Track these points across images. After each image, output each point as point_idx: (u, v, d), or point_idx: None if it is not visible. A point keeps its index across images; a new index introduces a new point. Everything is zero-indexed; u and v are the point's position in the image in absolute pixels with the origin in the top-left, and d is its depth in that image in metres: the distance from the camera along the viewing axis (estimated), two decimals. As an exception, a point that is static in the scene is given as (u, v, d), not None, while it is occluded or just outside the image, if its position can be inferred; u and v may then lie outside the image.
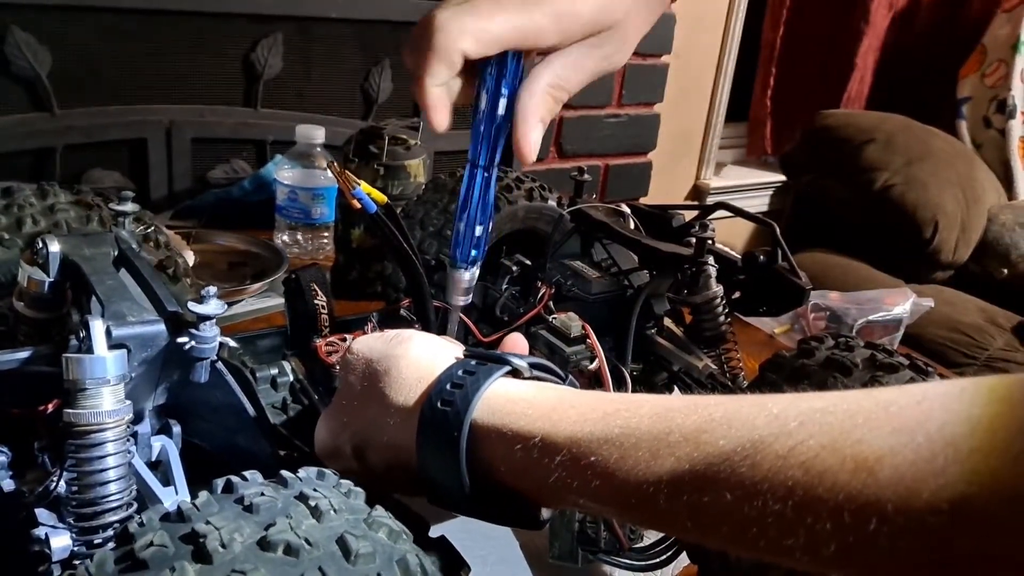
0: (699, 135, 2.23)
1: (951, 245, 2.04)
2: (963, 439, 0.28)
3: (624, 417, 0.37)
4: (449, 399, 0.42)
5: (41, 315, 0.59)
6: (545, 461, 0.38)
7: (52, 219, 0.69)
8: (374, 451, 0.46)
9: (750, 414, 0.33)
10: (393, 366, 0.46)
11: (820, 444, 0.30)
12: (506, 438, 0.40)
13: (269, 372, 0.63)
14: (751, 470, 0.32)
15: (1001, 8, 2.33)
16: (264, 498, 0.34)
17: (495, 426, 0.40)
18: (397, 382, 0.45)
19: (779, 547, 0.31)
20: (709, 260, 0.75)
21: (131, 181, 1.34)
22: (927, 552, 0.28)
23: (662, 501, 0.34)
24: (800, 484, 0.30)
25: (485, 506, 0.42)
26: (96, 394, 0.45)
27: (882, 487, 0.28)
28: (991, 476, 0.27)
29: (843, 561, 0.30)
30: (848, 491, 0.29)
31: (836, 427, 0.31)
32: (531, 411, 0.40)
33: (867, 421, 0.30)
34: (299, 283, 0.67)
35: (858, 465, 0.29)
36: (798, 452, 0.31)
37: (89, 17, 1.23)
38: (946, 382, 0.31)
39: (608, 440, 0.36)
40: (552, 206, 0.89)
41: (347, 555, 0.33)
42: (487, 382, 0.42)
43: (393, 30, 1.50)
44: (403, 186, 1.11)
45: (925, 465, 0.28)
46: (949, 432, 0.28)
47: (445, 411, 0.41)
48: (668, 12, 1.85)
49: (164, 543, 0.31)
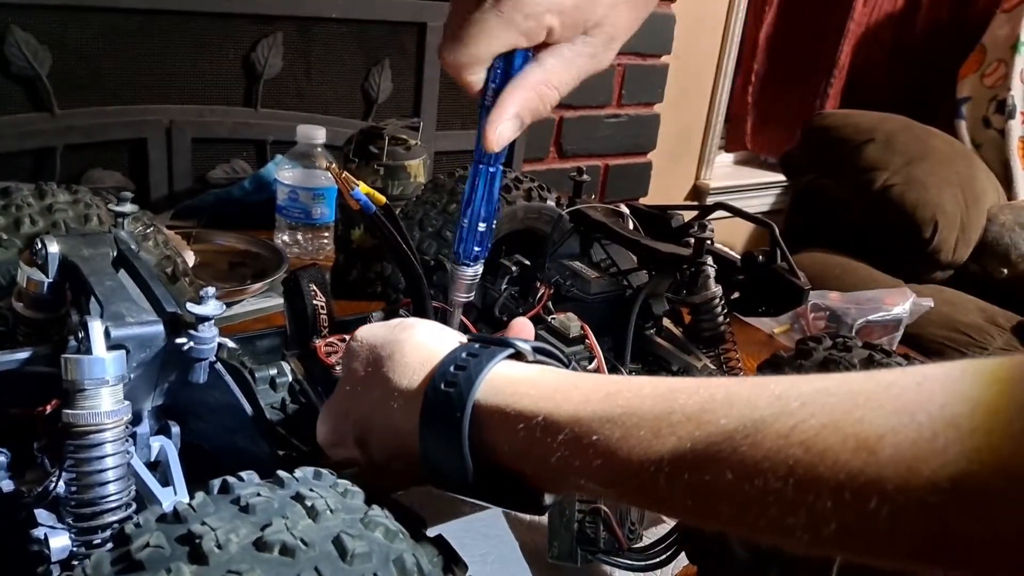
0: (699, 135, 2.23)
1: (951, 245, 2.04)
2: (964, 419, 0.28)
3: (626, 397, 0.37)
4: (452, 380, 0.42)
5: (40, 315, 0.59)
6: (547, 441, 0.38)
7: (50, 219, 0.69)
8: (377, 437, 0.46)
9: (752, 394, 0.34)
10: (397, 351, 0.46)
11: (821, 423, 0.31)
12: (509, 418, 0.40)
13: (268, 372, 0.63)
14: (752, 449, 0.32)
15: (1001, 8, 2.33)
16: (260, 498, 0.34)
17: (498, 406, 0.40)
18: (400, 366, 0.45)
19: (779, 527, 0.31)
20: (708, 260, 0.75)
21: (131, 181, 1.34)
22: (927, 531, 0.28)
23: (663, 481, 0.34)
24: (801, 463, 0.30)
25: (488, 489, 0.42)
26: (95, 395, 0.45)
27: (883, 466, 0.29)
28: (992, 455, 0.27)
29: (843, 540, 0.30)
30: (849, 470, 0.29)
31: (838, 407, 0.31)
32: (534, 391, 0.40)
33: (868, 401, 0.31)
34: (298, 283, 0.67)
35: (859, 444, 0.29)
36: (799, 431, 0.31)
37: (89, 17, 1.23)
38: (947, 364, 0.31)
39: (610, 419, 0.37)
40: (551, 206, 0.89)
41: (343, 555, 0.33)
42: (490, 364, 0.42)
43: (393, 30, 1.50)
44: (403, 186, 1.11)
45: (926, 444, 0.28)
46: (950, 412, 0.28)
47: (448, 392, 0.41)
48: (668, 12, 1.86)
49: (160, 544, 0.31)
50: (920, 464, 0.28)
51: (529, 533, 0.75)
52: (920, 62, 2.50)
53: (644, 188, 2.03)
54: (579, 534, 0.63)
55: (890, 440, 0.29)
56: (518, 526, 0.75)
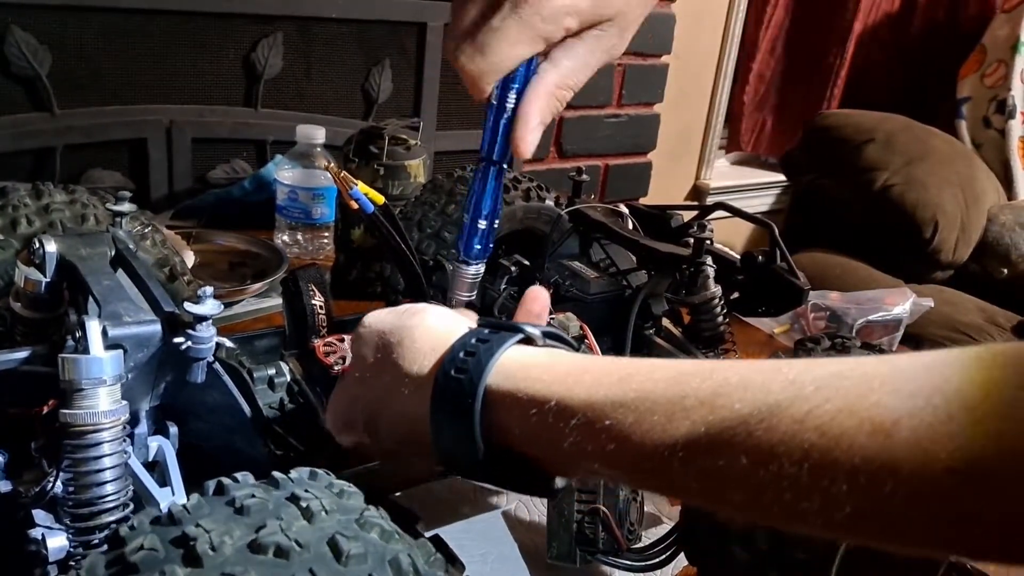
0: (699, 135, 2.23)
1: (951, 245, 2.04)
2: (979, 402, 0.28)
3: (639, 381, 0.37)
4: (463, 366, 0.41)
5: (38, 315, 0.59)
6: (560, 425, 0.38)
7: (47, 219, 0.69)
8: (387, 423, 0.46)
9: (765, 379, 0.34)
10: (407, 336, 0.46)
11: (837, 408, 0.31)
12: (521, 403, 0.40)
13: (266, 372, 0.63)
14: (767, 434, 0.32)
15: (1001, 8, 2.33)
16: (255, 500, 0.34)
17: (509, 391, 0.40)
18: (411, 352, 0.45)
19: (794, 511, 0.31)
20: (707, 260, 0.75)
21: (131, 181, 1.34)
22: (942, 515, 0.28)
23: (676, 465, 0.34)
24: (816, 447, 0.30)
25: (499, 472, 0.42)
26: (92, 394, 0.45)
27: (899, 449, 0.29)
28: (1003, 439, 0.27)
29: (857, 524, 0.30)
30: (865, 454, 0.29)
31: (852, 391, 0.31)
32: (546, 376, 0.40)
33: (883, 385, 0.31)
34: (297, 283, 0.66)
35: (875, 428, 0.29)
36: (815, 416, 0.31)
37: (89, 17, 1.23)
38: (958, 349, 0.31)
39: (623, 404, 0.36)
40: (550, 206, 0.89)
41: (338, 556, 0.33)
42: (501, 349, 0.42)
43: (393, 30, 1.50)
44: (403, 186, 1.11)
45: (942, 428, 0.28)
46: (966, 395, 0.28)
47: (459, 378, 0.41)
48: (668, 12, 1.86)
49: (154, 546, 0.31)
50: (936, 447, 0.28)
51: (528, 533, 0.75)
52: (920, 62, 2.50)
53: (644, 188, 2.03)
54: (578, 535, 0.63)
55: (906, 423, 0.29)
56: (517, 527, 0.75)
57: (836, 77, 2.41)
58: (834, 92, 2.43)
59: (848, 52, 2.39)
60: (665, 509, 0.81)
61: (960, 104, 2.37)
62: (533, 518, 0.79)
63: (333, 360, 0.62)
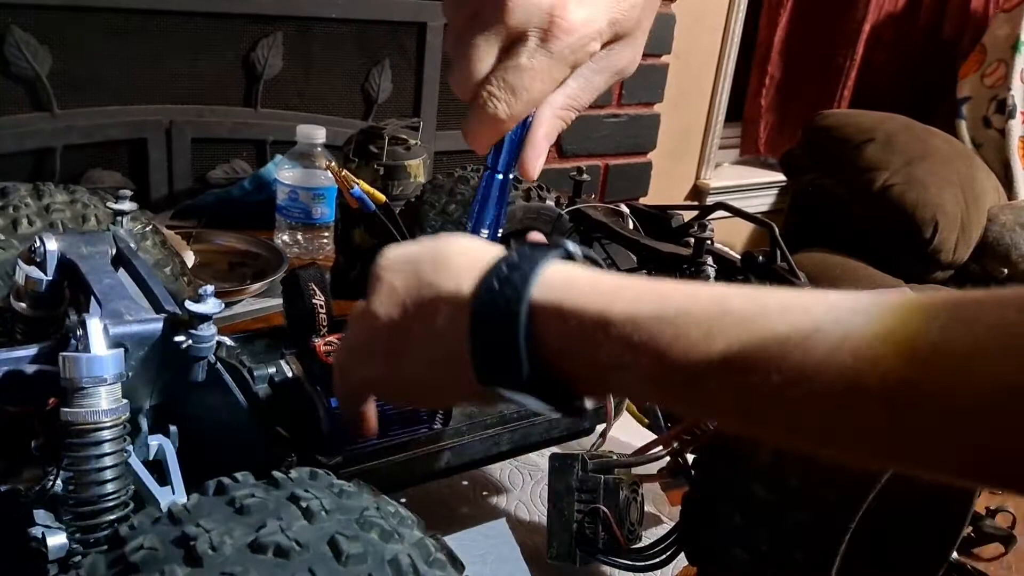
0: (699, 135, 2.23)
1: (951, 245, 2.04)
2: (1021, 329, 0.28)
3: (681, 299, 0.37)
4: (507, 277, 0.41)
5: (39, 314, 0.59)
6: (599, 336, 0.38)
7: (48, 219, 0.69)
8: (418, 344, 0.45)
9: (807, 302, 0.34)
10: (440, 256, 0.45)
11: (874, 333, 0.31)
12: (563, 314, 0.39)
13: (267, 371, 0.63)
14: (804, 355, 0.32)
15: (1001, 8, 2.33)
16: (255, 499, 0.34)
17: (552, 302, 0.40)
18: (447, 270, 0.44)
19: (827, 435, 0.32)
20: (708, 260, 0.75)
21: (131, 181, 1.34)
22: (976, 443, 0.29)
23: (712, 383, 0.35)
24: (851, 369, 0.31)
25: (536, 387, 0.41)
26: (93, 393, 0.45)
27: (934, 377, 0.29)
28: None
29: (891, 450, 0.31)
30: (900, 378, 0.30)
31: (890, 317, 0.31)
32: (589, 289, 0.40)
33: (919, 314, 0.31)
34: (297, 282, 0.67)
35: (913, 355, 0.30)
36: (852, 340, 0.31)
37: (89, 17, 1.23)
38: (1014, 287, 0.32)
39: (664, 319, 0.36)
40: (550, 206, 0.89)
41: (338, 556, 0.33)
42: (545, 260, 0.42)
43: (393, 30, 1.50)
44: (403, 186, 1.11)
45: (979, 356, 0.28)
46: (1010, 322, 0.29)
47: (503, 291, 0.40)
48: (668, 12, 1.86)
49: (155, 546, 0.31)
50: (972, 376, 0.28)
51: (529, 533, 0.75)
52: (920, 62, 2.50)
53: (644, 188, 2.03)
54: (578, 534, 0.63)
55: (944, 350, 0.29)
56: (517, 527, 0.75)
57: (847, 78, 2.41)
58: (844, 93, 2.43)
59: (858, 53, 2.39)
60: (665, 509, 0.81)
61: (960, 104, 2.37)
62: (533, 518, 0.79)
63: (333, 359, 0.62)
